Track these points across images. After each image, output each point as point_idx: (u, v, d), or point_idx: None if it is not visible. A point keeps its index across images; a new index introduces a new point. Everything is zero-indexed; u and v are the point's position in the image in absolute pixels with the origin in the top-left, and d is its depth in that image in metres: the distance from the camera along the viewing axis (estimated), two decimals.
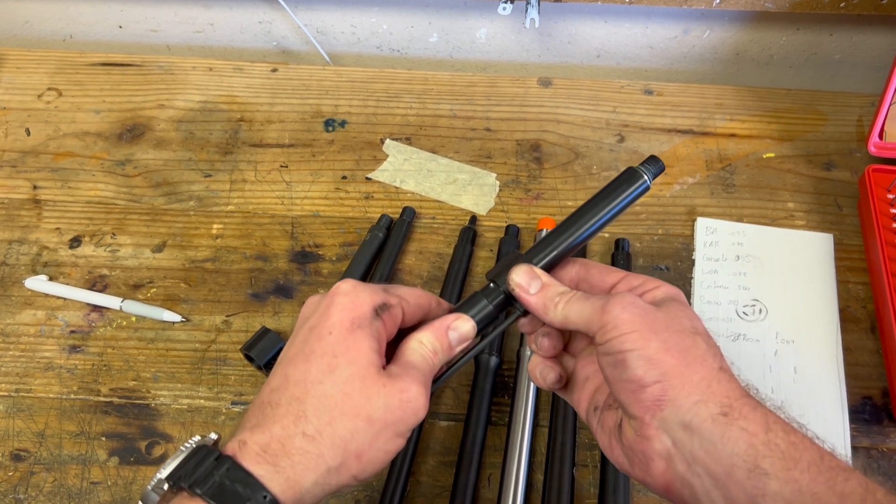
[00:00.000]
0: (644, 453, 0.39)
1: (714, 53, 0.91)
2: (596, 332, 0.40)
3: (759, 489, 0.35)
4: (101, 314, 0.68)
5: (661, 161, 0.47)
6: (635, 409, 0.39)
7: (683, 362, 0.38)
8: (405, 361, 0.41)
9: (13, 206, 0.75)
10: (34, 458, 0.61)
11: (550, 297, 0.43)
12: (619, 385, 0.39)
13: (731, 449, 0.36)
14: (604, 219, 0.46)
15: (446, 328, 0.43)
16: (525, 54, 0.93)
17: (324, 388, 0.39)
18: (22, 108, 0.82)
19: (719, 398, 0.37)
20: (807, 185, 0.77)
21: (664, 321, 0.39)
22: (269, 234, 0.73)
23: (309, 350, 0.40)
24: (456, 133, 0.81)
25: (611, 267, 0.46)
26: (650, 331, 0.38)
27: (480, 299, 0.46)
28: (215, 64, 0.86)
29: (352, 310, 0.41)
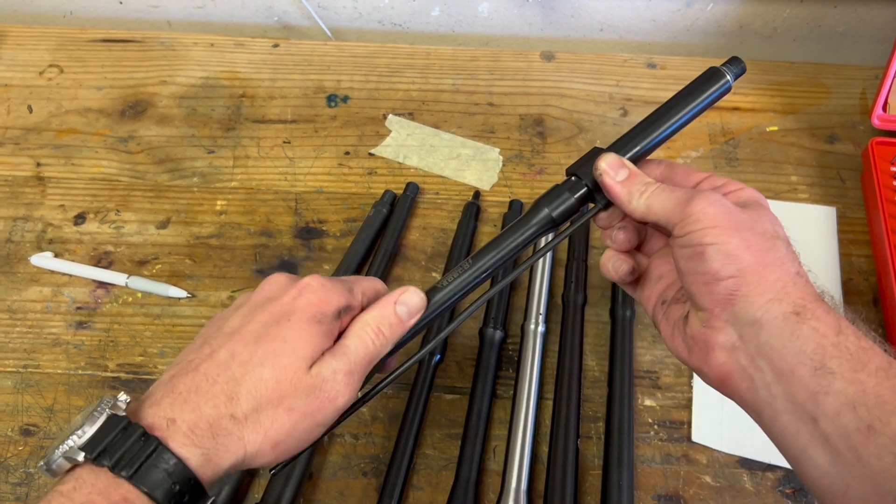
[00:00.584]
0: (707, 343, 0.40)
1: (717, 26, 0.90)
2: (676, 223, 0.40)
3: (822, 387, 0.35)
4: (107, 290, 0.69)
5: (743, 62, 0.47)
6: (706, 301, 0.39)
7: (761, 262, 0.38)
8: (340, 346, 0.42)
9: (17, 183, 0.75)
10: (44, 433, 0.61)
11: (636, 186, 0.43)
12: (692, 277, 0.40)
13: (799, 346, 0.36)
14: (686, 116, 0.46)
15: (393, 303, 0.43)
16: (528, 28, 0.93)
17: (262, 371, 0.39)
18: (24, 85, 0.82)
19: (793, 298, 0.37)
20: (810, 159, 0.77)
21: (747, 221, 0.39)
22: (272, 210, 0.73)
23: (263, 332, 0.40)
24: (459, 108, 0.81)
25: (695, 169, 0.46)
26: (732, 228, 0.38)
27: (562, 192, 0.45)
28: (217, 40, 0.86)
29: (317, 305, 0.41)
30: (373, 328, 0.43)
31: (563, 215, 0.45)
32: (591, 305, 0.67)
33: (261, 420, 0.38)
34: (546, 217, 0.45)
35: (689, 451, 0.61)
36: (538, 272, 0.67)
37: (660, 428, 0.62)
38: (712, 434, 0.61)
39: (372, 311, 0.43)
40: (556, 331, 0.65)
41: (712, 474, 0.59)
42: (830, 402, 0.35)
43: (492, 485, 0.59)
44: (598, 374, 0.64)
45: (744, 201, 0.42)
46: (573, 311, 0.65)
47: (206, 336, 0.42)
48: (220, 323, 0.43)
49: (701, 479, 0.59)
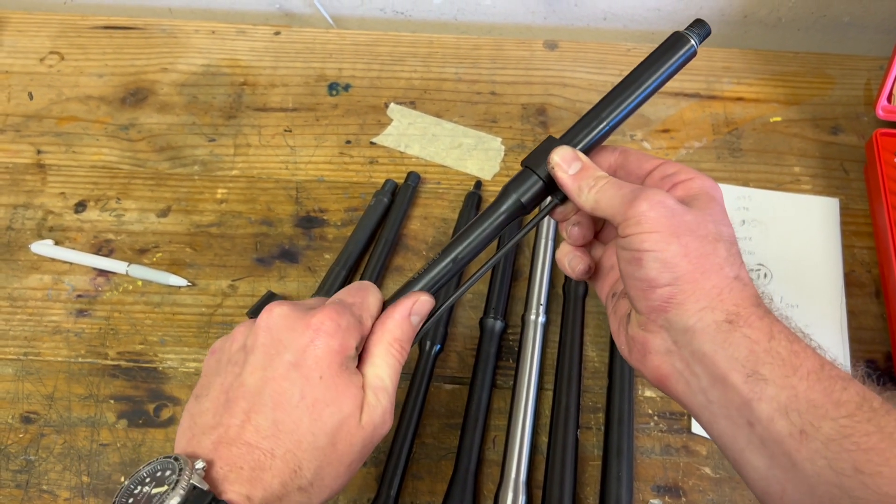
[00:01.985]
0: (644, 345, 0.40)
1: (721, 16, 0.90)
2: (620, 222, 0.40)
3: (756, 393, 0.36)
4: (108, 278, 0.69)
5: (706, 24, 0.45)
6: (642, 306, 0.40)
7: (699, 269, 0.38)
8: (377, 381, 0.42)
9: (17, 170, 0.75)
10: (44, 421, 0.61)
11: (586, 180, 0.42)
12: (630, 281, 0.40)
13: (731, 353, 0.37)
14: (648, 90, 0.45)
15: (408, 316, 0.44)
16: (531, 17, 0.92)
17: (315, 440, 0.39)
18: (24, 72, 0.82)
19: (727, 306, 0.37)
20: (813, 150, 0.76)
21: (689, 224, 0.39)
22: (273, 198, 0.73)
23: (299, 396, 0.39)
24: (461, 97, 0.80)
25: (650, 154, 0.46)
26: (671, 234, 0.38)
27: (530, 176, 0.44)
28: (218, 27, 0.85)
29: (340, 352, 0.41)
30: (396, 349, 0.43)
31: (532, 201, 0.44)
32: (591, 296, 0.67)
33: (324, 481, 0.40)
34: (515, 202, 0.44)
35: (689, 443, 0.60)
36: (539, 262, 0.67)
37: (660, 419, 0.62)
38: None
39: (391, 328, 0.43)
40: (557, 321, 0.65)
41: (712, 466, 0.59)
42: (764, 408, 0.35)
43: (491, 475, 0.59)
44: (599, 365, 0.64)
45: (694, 194, 0.41)
46: (574, 302, 0.65)
47: (224, 388, 0.41)
48: (234, 370, 0.41)
49: (700, 471, 0.59)
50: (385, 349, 0.43)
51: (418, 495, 0.58)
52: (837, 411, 0.34)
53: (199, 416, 0.41)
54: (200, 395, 0.42)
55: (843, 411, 0.34)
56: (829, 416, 0.34)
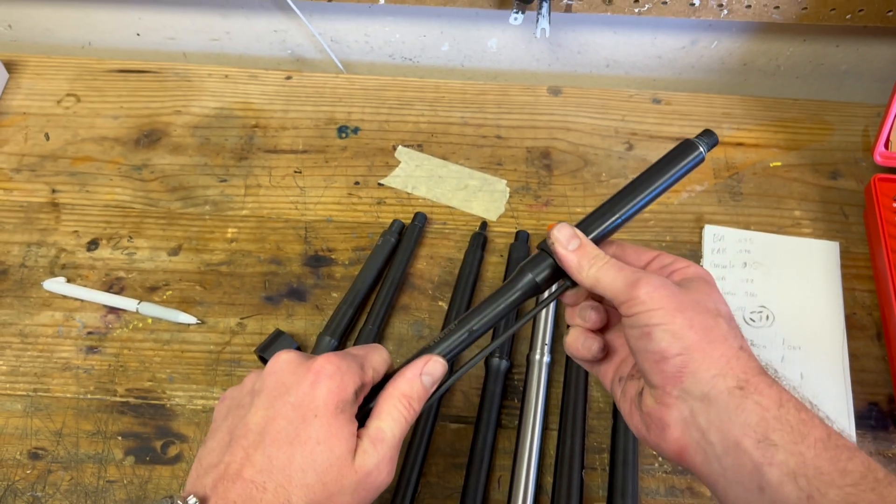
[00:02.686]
0: (661, 420, 0.41)
1: (721, 63, 0.92)
2: (623, 303, 0.42)
3: (766, 458, 0.37)
4: (118, 316, 0.69)
5: (715, 135, 0.49)
6: (657, 379, 0.41)
7: (706, 339, 0.40)
8: (377, 430, 0.43)
9: (32, 209, 0.76)
10: (52, 457, 0.62)
11: (586, 258, 0.44)
12: (643, 355, 0.42)
13: (744, 419, 0.38)
14: (658, 190, 0.47)
15: (419, 374, 0.45)
16: (535, 63, 0.94)
17: (306, 476, 0.40)
18: (41, 114, 0.84)
19: (737, 373, 0.39)
20: (813, 194, 0.77)
21: (690, 302, 0.41)
22: (282, 238, 0.74)
23: (294, 433, 0.41)
24: (467, 140, 0.82)
25: (645, 248, 0.48)
26: (676, 309, 0.40)
27: (526, 272, 0.47)
28: (231, 71, 0.88)
29: (337, 394, 0.42)
30: (404, 404, 0.44)
31: (547, 281, 0.47)
32: None
33: None
34: (530, 282, 0.46)
35: (694, 484, 0.61)
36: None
37: (664, 460, 0.62)
38: None
39: (400, 384, 0.44)
40: (562, 361, 0.66)
41: None
42: (774, 473, 0.37)
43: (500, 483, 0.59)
44: (604, 406, 0.64)
45: (690, 277, 0.44)
46: None
47: (230, 429, 0.43)
48: (240, 412, 0.44)
49: None
50: (391, 403, 0.44)
51: None
52: (843, 479, 0.36)
53: (205, 457, 0.43)
54: (209, 439, 0.44)
55: (849, 480, 0.36)
56: (835, 484, 0.36)
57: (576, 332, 0.48)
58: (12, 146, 0.81)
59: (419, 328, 0.69)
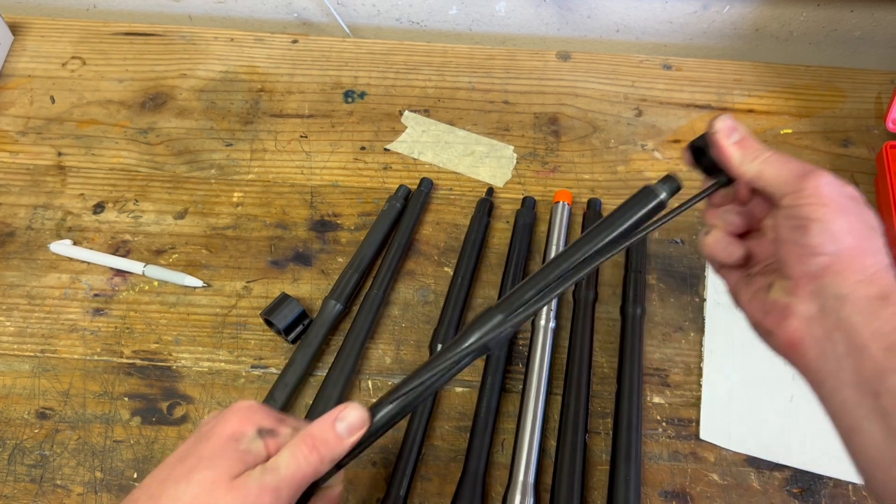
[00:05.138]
0: (787, 309, 0.41)
1: (733, 29, 0.91)
2: (788, 193, 0.41)
3: (892, 363, 0.38)
4: (124, 278, 0.70)
5: (677, 181, 0.46)
6: (796, 271, 0.41)
7: (860, 247, 0.40)
8: (270, 461, 0.42)
9: (38, 171, 0.76)
10: (59, 417, 0.62)
11: (749, 150, 0.44)
12: (790, 246, 0.42)
13: (878, 327, 0.38)
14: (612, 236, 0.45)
15: (332, 420, 0.43)
16: (544, 28, 0.93)
17: (178, 489, 0.40)
18: (46, 77, 0.83)
19: (882, 285, 0.39)
20: (824, 162, 0.77)
21: (855, 208, 0.41)
22: (288, 202, 0.74)
23: (185, 454, 0.42)
24: (474, 105, 0.81)
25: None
26: (840, 210, 0.40)
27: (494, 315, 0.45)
28: (237, 35, 0.87)
29: (237, 424, 0.42)
30: (307, 445, 0.42)
31: (498, 341, 0.45)
32: (601, 302, 0.68)
33: None
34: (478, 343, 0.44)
35: (697, 449, 0.61)
36: None
37: (668, 425, 0.62)
38: (720, 432, 0.61)
39: (310, 426, 0.43)
40: (567, 327, 0.66)
41: (720, 472, 0.60)
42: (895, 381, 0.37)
43: (499, 477, 0.60)
44: (608, 371, 0.65)
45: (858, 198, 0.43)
46: (584, 308, 0.65)
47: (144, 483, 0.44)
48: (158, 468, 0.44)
49: (708, 477, 0.60)
50: (294, 442, 0.42)
51: (427, 496, 0.59)
52: None
53: None
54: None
55: None
56: None
57: (717, 235, 0.47)
58: (18, 109, 0.81)
59: (425, 293, 0.69)
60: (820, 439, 0.61)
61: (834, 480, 0.59)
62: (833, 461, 0.60)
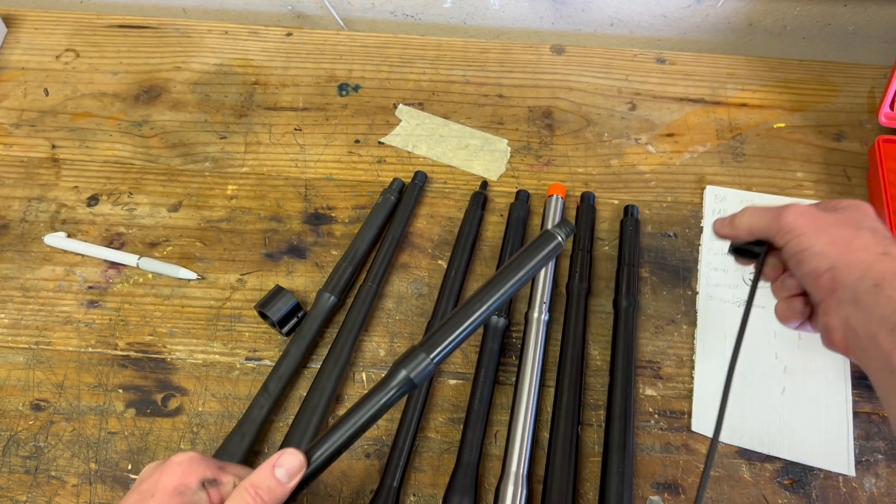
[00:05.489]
0: (828, 326, 0.47)
1: (727, 23, 0.91)
2: (774, 235, 0.49)
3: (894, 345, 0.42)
4: (119, 271, 0.70)
5: (572, 224, 0.52)
6: (819, 295, 0.48)
7: (847, 251, 0.46)
8: None
9: (32, 164, 0.76)
10: (54, 408, 0.63)
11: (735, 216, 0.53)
12: (804, 280, 0.49)
13: (879, 313, 0.43)
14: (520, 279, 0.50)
15: (271, 467, 0.44)
16: (538, 21, 0.93)
17: None
18: (40, 69, 0.83)
19: (875, 274, 0.44)
20: (816, 156, 0.77)
21: (831, 220, 0.48)
22: (283, 195, 0.74)
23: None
24: (468, 99, 0.81)
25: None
26: (817, 230, 0.47)
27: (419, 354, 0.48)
28: (230, 27, 0.87)
29: (179, 477, 0.43)
30: (251, 493, 0.43)
31: (422, 377, 0.47)
32: (594, 295, 0.68)
33: None
34: (405, 379, 0.47)
35: (689, 441, 0.61)
36: None
37: (660, 417, 0.62)
38: (712, 423, 0.62)
39: (251, 476, 0.44)
40: (560, 320, 0.66)
41: None
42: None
43: (493, 468, 0.60)
44: (600, 363, 0.65)
45: (843, 206, 0.49)
46: (577, 301, 0.66)
47: None
48: None
49: (700, 469, 0.60)
50: (237, 492, 0.43)
51: (420, 487, 0.59)
52: None
53: None
54: None
55: None
56: None
57: (782, 304, 0.53)
58: (11, 101, 0.81)
59: (419, 286, 0.69)
60: (811, 432, 0.61)
61: (824, 472, 0.60)
62: (824, 453, 0.60)
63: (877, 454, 0.60)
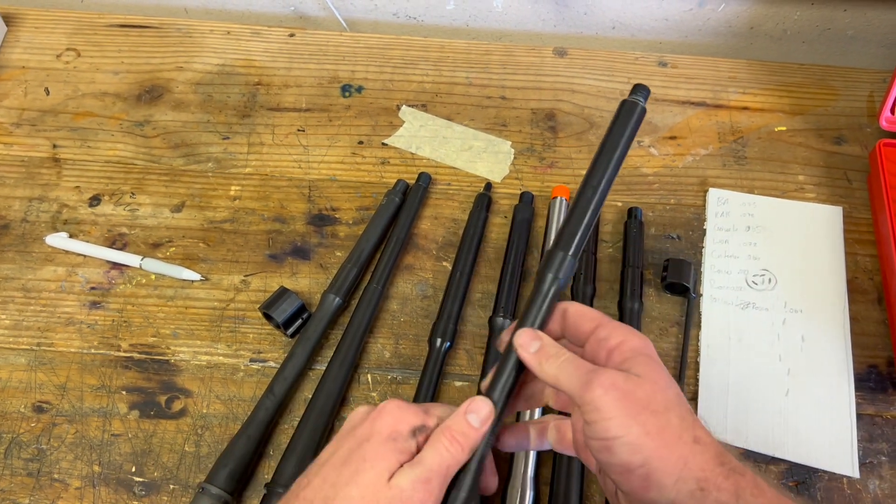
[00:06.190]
0: None
1: (728, 27, 0.91)
2: (580, 405, 0.42)
3: None
4: (121, 271, 0.69)
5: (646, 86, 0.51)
6: (626, 488, 0.42)
7: (662, 443, 0.40)
8: (417, 457, 0.45)
9: (33, 164, 0.76)
10: (56, 410, 0.62)
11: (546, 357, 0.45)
12: (609, 467, 0.42)
13: None
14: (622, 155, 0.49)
15: (464, 413, 0.46)
16: (541, 24, 0.94)
17: (349, 490, 0.43)
18: (41, 68, 0.83)
19: (695, 474, 0.40)
20: (817, 159, 0.77)
21: (641, 401, 0.41)
22: (286, 196, 0.74)
23: (348, 456, 0.44)
24: (471, 101, 0.81)
25: (586, 310, 0.47)
26: (629, 416, 0.41)
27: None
28: (233, 27, 0.87)
29: (392, 424, 0.45)
30: (447, 437, 0.45)
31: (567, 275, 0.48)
32: (599, 297, 0.68)
33: None
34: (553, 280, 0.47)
35: None
36: None
37: None
38: (717, 426, 0.62)
39: (447, 421, 0.46)
40: None
41: None
42: None
43: (499, 471, 0.60)
44: None
45: (629, 357, 0.43)
46: (582, 303, 0.66)
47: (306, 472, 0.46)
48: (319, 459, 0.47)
49: None
50: (435, 436, 0.45)
51: None
52: None
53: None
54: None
55: None
56: None
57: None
58: (12, 100, 0.80)
59: (423, 288, 0.69)
60: (815, 433, 0.61)
61: (829, 474, 0.60)
62: (828, 455, 0.60)
63: (880, 456, 0.61)
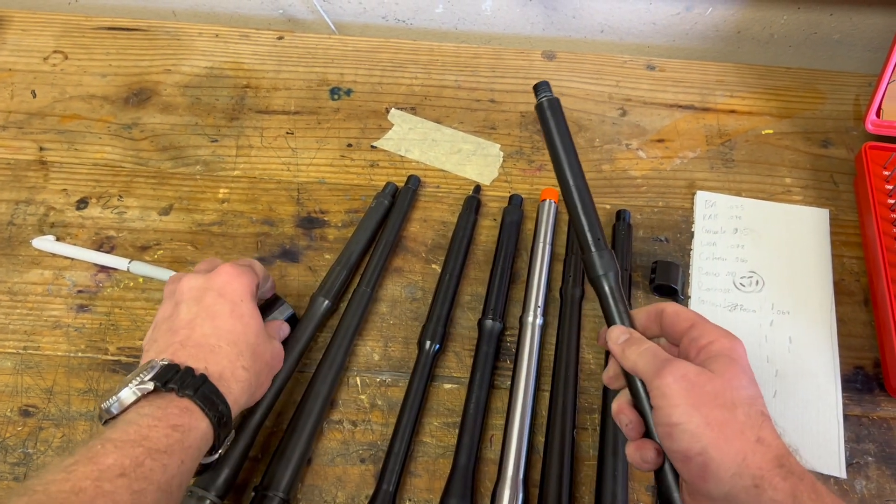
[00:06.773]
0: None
1: (716, 31, 0.92)
2: (650, 390, 0.44)
3: None
4: (109, 274, 0.69)
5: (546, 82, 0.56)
6: (686, 475, 0.43)
7: (722, 436, 0.41)
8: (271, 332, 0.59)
9: (20, 166, 0.75)
10: (43, 414, 0.62)
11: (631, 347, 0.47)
12: (671, 454, 0.44)
13: None
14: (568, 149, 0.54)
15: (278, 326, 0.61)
16: (530, 27, 0.94)
17: (248, 338, 0.54)
18: (28, 70, 0.82)
19: (752, 471, 0.40)
20: (804, 162, 0.78)
21: (709, 395, 0.42)
22: (275, 199, 0.74)
23: (230, 310, 0.54)
24: (460, 104, 0.82)
25: (682, 310, 0.49)
26: (693, 406, 0.42)
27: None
28: (221, 30, 0.86)
29: (248, 286, 0.56)
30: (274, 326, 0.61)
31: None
32: (588, 300, 0.68)
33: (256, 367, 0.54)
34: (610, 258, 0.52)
35: None
36: (536, 266, 0.68)
37: None
38: None
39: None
40: (554, 324, 0.66)
41: None
42: None
43: (488, 473, 0.60)
44: (595, 367, 0.65)
45: (714, 356, 0.45)
46: (571, 305, 0.66)
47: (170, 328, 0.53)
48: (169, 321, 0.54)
49: None
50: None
51: (416, 493, 0.59)
52: None
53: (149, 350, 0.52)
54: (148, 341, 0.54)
55: None
56: None
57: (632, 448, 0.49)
58: None
59: (413, 290, 0.69)
60: (803, 434, 0.62)
61: (816, 474, 0.60)
62: (815, 455, 0.61)
63: (867, 456, 0.61)
